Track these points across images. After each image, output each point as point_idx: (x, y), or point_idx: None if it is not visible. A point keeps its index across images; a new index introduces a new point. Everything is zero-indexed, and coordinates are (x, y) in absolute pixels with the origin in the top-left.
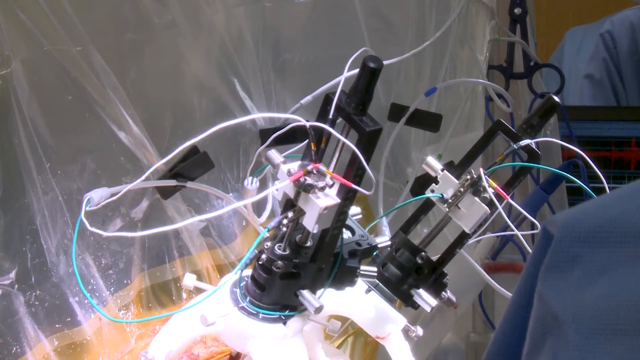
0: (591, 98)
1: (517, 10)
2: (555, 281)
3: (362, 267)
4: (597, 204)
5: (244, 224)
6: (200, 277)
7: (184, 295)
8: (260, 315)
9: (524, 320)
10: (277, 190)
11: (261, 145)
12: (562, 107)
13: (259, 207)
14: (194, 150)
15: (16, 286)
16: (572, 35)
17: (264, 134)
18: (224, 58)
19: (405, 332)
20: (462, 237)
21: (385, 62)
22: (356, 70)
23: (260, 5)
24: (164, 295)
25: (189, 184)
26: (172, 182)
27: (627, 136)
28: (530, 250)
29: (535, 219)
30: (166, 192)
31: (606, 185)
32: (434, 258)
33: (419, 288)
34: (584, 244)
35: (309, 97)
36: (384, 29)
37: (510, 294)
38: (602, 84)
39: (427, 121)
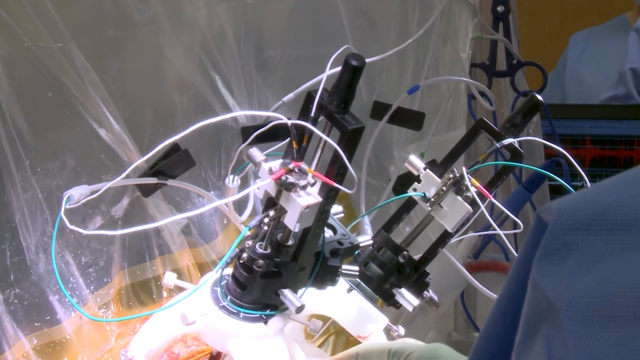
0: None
1: (499, 8)
2: (550, 268)
3: (344, 266)
4: (592, 191)
5: (225, 222)
6: (181, 276)
7: (165, 294)
8: (241, 314)
9: (516, 308)
10: (258, 188)
11: (243, 143)
12: (545, 106)
13: (240, 205)
14: (175, 147)
15: None
16: (575, 40)
17: (246, 131)
18: (206, 55)
19: (387, 331)
20: (445, 236)
21: (367, 60)
22: (339, 68)
23: (242, 3)
24: (144, 293)
25: (170, 182)
26: (153, 180)
27: (611, 134)
28: (512, 249)
29: (517, 217)
30: (147, 190)
31: (588, 183)
32: (416, 257)
33: (401, 287)
34: (579, 231)
35: (291, 95)
36: (366, 26)
37: (491, 293)
38: None
39: (410, 119)
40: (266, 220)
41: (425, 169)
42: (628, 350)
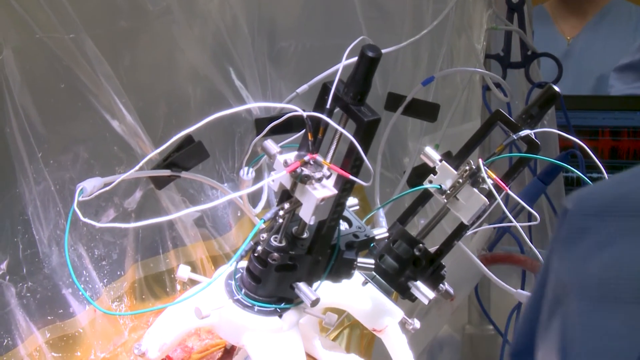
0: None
1: None
2: (565, 252)
3: (359, 259)
4: (611, 181)
5: (238, 214)
6: (194, 269)
7: (178, 287)
8: (256, 307)
9: (544, 294)
10: (273, 181)
11: (257, 135)
12: (560, 98)
13: (254, 197)
14: (188, 139)
15: (7, 277)
16: None
17: (260, 123)
18: (219, 46)
19: (402, 324)
20: (461, 229)
21: (383, 51)
22: (354, 59)
23: None
24: (157, 286)
25: (184, 174)
26: (166, 172)
27: (626, 125)
28: (528, 241)
29: (532, 209)
30: (160, 182)
31: (605, 175)
32: (432, 250)
33: (416, 280)
34: (594, 217)
35: (305, 86)
36: (380, 17)
37: (507, 286)
38: None
39: (425, 111)
40: (281, 212)
41: (441, 161)
42: (630, 330)
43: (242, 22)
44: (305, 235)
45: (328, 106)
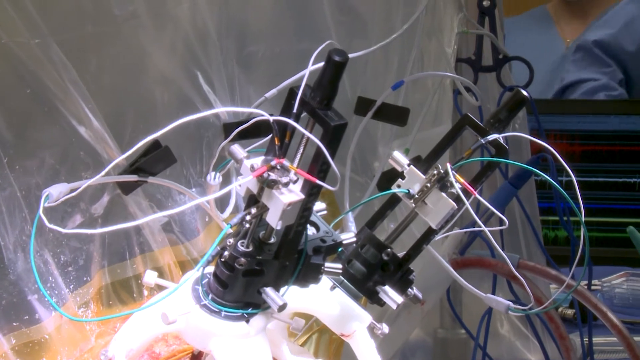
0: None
1: (485, 3)
2: None
3: (327, 264)
4: None
5: (206, 219)
6: (162, 274)
7: (145, 293)
8: (223, 313)
9: None
10: (240, 185)
11: (224, 140)
12: (531, 101)
13: (222, 203)
14: (155, 144)
15: None
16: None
17: (228, 128)
18: (187, 51)
19: (371, 329)
20: (429, 233)
21: (351, 55)
22: (322, 64)
23: None
24: (124, 292)
25: (151, 179)
26: (133, 177)
27: (599, 130)
28: (497, 246)
29: (503, 214)
30: (127, 188)
31: (574, 179)
32: (401, 254)
33: (384, 285)
34: None
35: (274, 91)
36: (351, 21)
37: (476, 290)
38: None
39: (394, 115)
40: (248, 217)
41: (409, 165)
42: None
43: (211, 27)
44: (272, 240)
45: (295, 110)
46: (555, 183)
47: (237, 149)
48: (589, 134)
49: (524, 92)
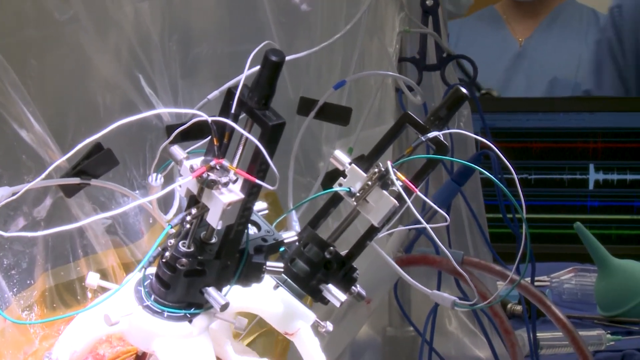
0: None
1: (428, 2)
2: None
3: (269, 263)
4: None
5: (150, 221)
6: (106, 276)
7: (89, 295)
8: (165, 313)
9: None
10: (180, 186)
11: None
12: (475, 99)
13: (166, 204)
14: (97, 147)
15: None
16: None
17: (170, 130)
18: (129, 54)
19: (315, 327)
20: (371, 231)
21: (294, 56)
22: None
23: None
24: (68, 295)
25: (93, 182)
26: (76, 180)
27: (550, 127)
28: (439, 243)
29: (448, 211)
30: (70, 191)
31: (515, 177)
32: (344, 252)
33: (328, 283)
34: None
35: (216, 92)
36: (292, 22)
37: (421, 286)
38: (607, 70)
39: (337, 114)
40: (188, 218)
41: (350, 163)
42: None
43: (153, 30)
44: (213, 240)
45: (233, 111)
46: (495, 180)
47: (176, 150)
48: (536, 131)
49: (463, 90)
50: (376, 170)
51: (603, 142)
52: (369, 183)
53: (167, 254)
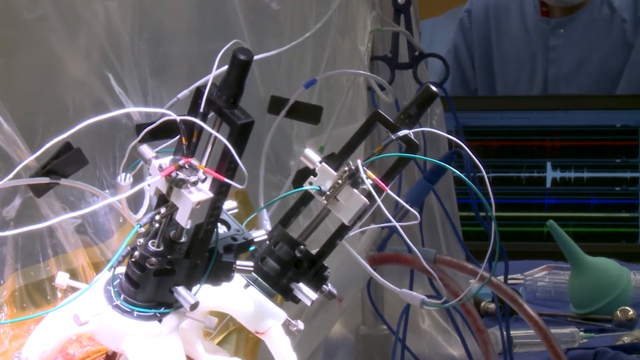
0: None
1: (400, 0)
2: None
3: (238, 262)
4: None
5: (120, 220)
6: (76, 276)
7: (59, 295)
8: (135, 313)
9: None
10: (149, 185)
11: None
12: (447, 97)
13: (137, 203)
14: (67, 146)
15: None
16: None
17: (140, 129)
18: (99, 52)
19: (286, 326)
20: (342, 230)
21: (264, 55)
22: None
23: None
24: (38, 294)
25: (63, 181)
26: (45, 180)
27: (522, 125)
28: (409, 242)
29: (421, 209)
30: (39, 190)
31: (485, 175)
32: (315, 251)
33: (298, 282)
34: None
35: (185, 92)
36: (263, 21)
37: (391, 285)
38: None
39: (307, 113)
40: (157, 217)
41: (320, 162)
42: None
43: (122, 28)
44: (183, 239)
45: (201, 110)
46: (465, 178)
47: (145, 149)
48: (493, 129)
49: (433, 88)
50: (346, 168)
51: (560, 140)
52: (340, 182)
53: (136, 253)
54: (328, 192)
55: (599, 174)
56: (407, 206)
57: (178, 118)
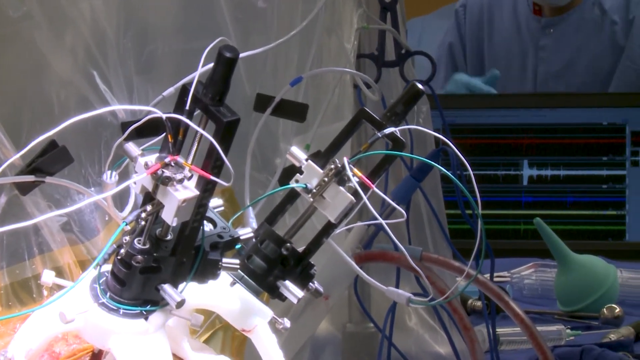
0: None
1: None
2: None
3: (225, 260)
4: None
5: (106, 218)
6: (62, 274)
7: (45, 293)
8: (121, 310)
9: None
10: (135, 183)
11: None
12: (434, 95)
13: (122, 201)
14: (52, 144)
15: None
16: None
17: (125, 127)
18: (84, 50)
19: (273, 324)
20: (328, 227)
21: (249, 52)
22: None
23: None
24: (24, 293)
25: (48, 179)
26: (30, 178)
27: (509, 123)
28: (395, 239)
29: (408, 207)
30: (24, 188)
31: (471, 173)
32: (301, 249)
33: (285, 280)
34: None
35: (171, 89)
36: (249, 18)
37: (377, 283)
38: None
39: (293, 111)
40: (143, 215)
41: (307, 160)
42: None
43: (107, 26)
44: (169, 237)
45: (187, 107)
46: (451, 175)
47: (131, 147)
48: (470, 127)
49: (419, 86)
50: (332, 166)
51: (536, 138)
52: (326, 179)
53: (122, 251)
54: (314, 190)
55: (586, 172)
56: (394, 204)
57: (164, 116)
